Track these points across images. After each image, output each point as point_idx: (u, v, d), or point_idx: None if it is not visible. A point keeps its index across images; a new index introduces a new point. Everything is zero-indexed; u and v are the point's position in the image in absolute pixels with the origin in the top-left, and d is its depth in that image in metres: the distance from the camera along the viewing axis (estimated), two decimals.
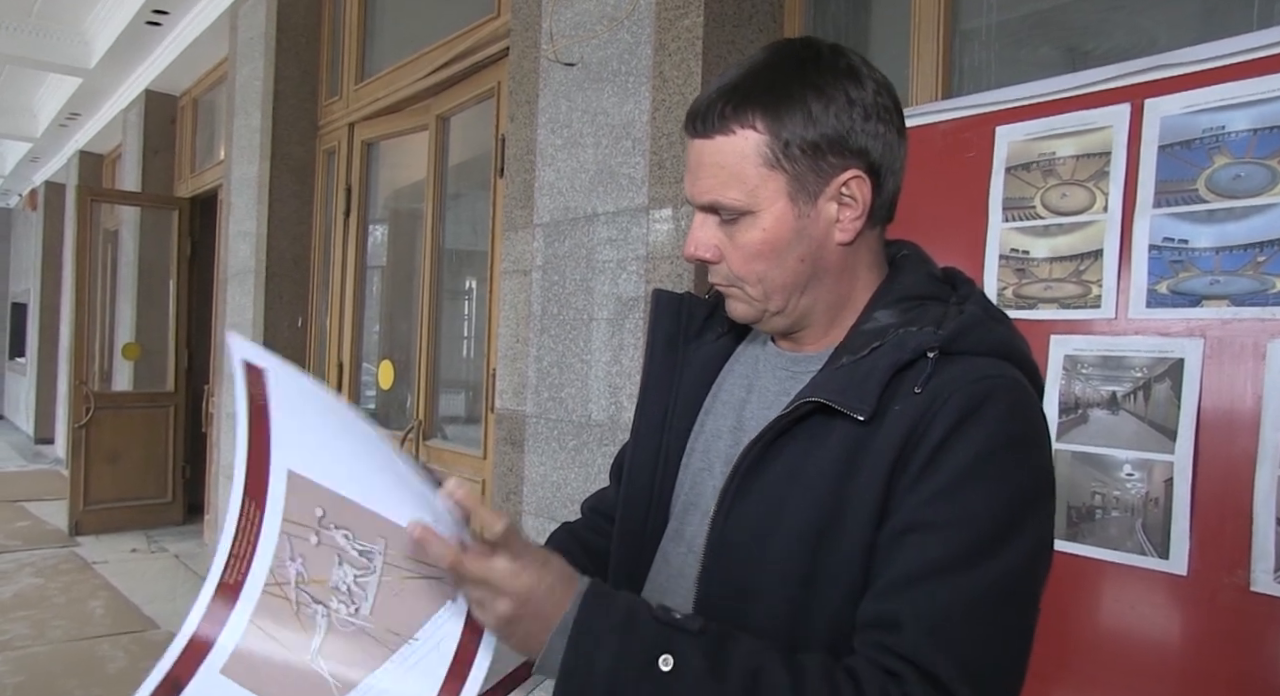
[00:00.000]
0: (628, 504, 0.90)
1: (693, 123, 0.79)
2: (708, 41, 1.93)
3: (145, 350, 5.98)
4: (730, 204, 0.77)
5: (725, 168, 0.77)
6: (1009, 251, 1.44)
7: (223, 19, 4.63)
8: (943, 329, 0.74)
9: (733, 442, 0.84)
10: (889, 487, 0.71)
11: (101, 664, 3.40)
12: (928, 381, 0.72)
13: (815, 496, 0.73)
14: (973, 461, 0.69)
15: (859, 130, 0.76)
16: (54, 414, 9.05)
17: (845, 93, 0.76)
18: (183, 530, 5.66)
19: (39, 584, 4.43)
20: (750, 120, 0.76)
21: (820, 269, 0.80)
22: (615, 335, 2.11)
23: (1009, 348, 0.77)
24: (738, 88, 0.77)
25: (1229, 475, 1.17)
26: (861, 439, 0.72)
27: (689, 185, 0.81)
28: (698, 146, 0.79)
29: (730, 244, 0.79)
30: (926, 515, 0.69)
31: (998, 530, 0.68)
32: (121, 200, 6.27)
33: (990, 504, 0.69)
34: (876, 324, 0.78)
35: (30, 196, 9.81)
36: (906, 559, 0.68)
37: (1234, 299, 1.19)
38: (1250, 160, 1.19)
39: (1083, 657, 1.27)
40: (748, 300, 0.81)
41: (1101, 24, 1.61)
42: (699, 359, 0.91)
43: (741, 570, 0.76)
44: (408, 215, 3.79)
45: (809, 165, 0.76)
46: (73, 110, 7.02)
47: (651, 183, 2.03)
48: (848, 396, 0.73)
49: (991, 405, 0.70)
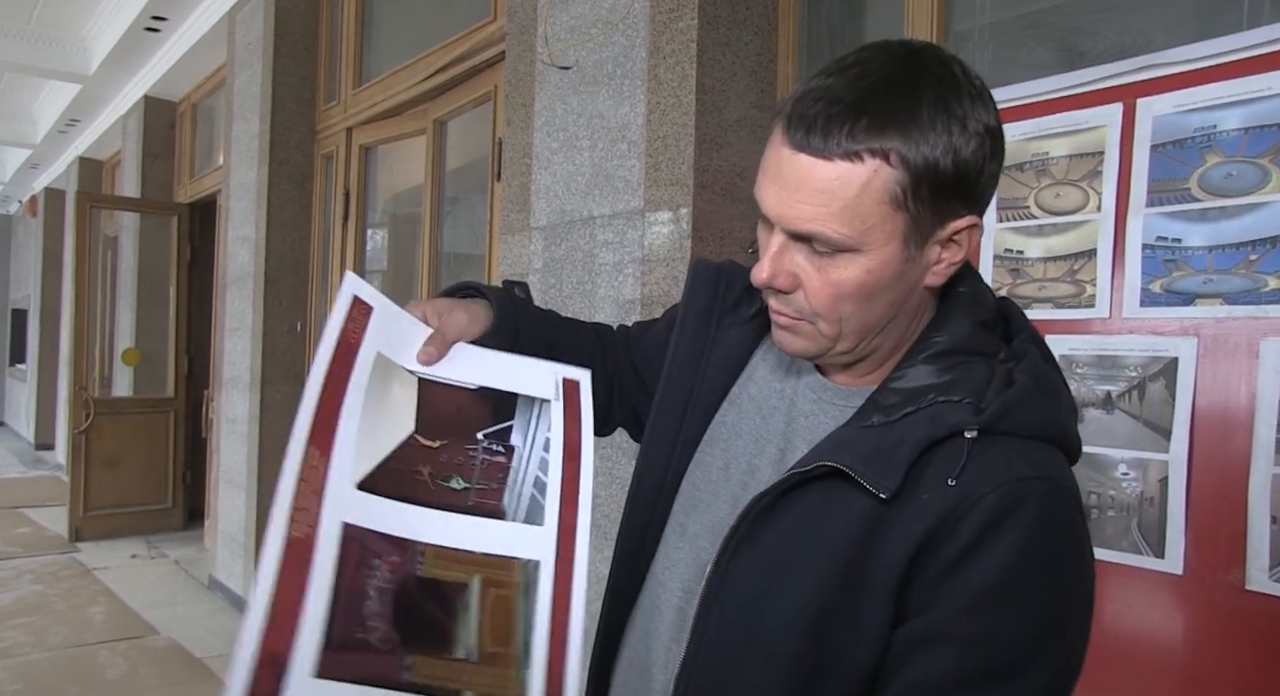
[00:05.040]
0: (639, 492, 0.86)
1: (806, 134, 0.65)
2: (702, 44, 1.93)
3: (145, 356, 5.98)
4: (835, 239, 0.66)
5: (840, 198, 0.65)
6: (1003, 251, 1.44)
7: (221, 25, 4.65)
8: (984, 403, 0.67)
9: (755, 451, 0.80)
10: (905, 581, 0.66)
11: (101, 670, 3.40)
12: (961, 473, 0.65)
13: (823, 570, 0.68)
14: (1005, 574, 0.63)
15: (986, 172, 0.67)
16: (54, 420, 9.05)
17: (984, 125, 0.66)
18: (183, 536, 5.66)
19: (39, 590, 4.43)
20: (884, 150, 0.64)
21: (902, 311, 0.72)
22: None
23: (1053, 427, 0.69)
24: (872, 103, 0.64)
25: (1224, 474, 1.17)
26: (881, 517, 0.66)
27: (777, 203, 0.68)
28: (805, 164, 0.65)
29: (819, 278, 0.68)
30: (952, 626, 0.64)
31: (1027, 649, 0.64)
32: (121, 206, 6.27)
33: (1020, 622, 0.64)
34: (912, 383, 0.71)
35: (30, 203, 9.82)
36: (926, 668, 0.64)
37: (1227, 297, 1.19)
38: (1242, 159, 1.19)
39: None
40: (815, 337, 0.72)
41: (1093, 24, 1.61)
42: (729, 341, 0.85)
43: (735, 634, 0.72)
44: (406, 219, 3.79)
45: (932, 208, 0.66)
46: (72, 116, 7.03)
47: (647, 185, 2.03)
48: (871, 469, 0.66)
49: (1028, 509, 0.64)
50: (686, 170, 1.93)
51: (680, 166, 1.95)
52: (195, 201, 5.82)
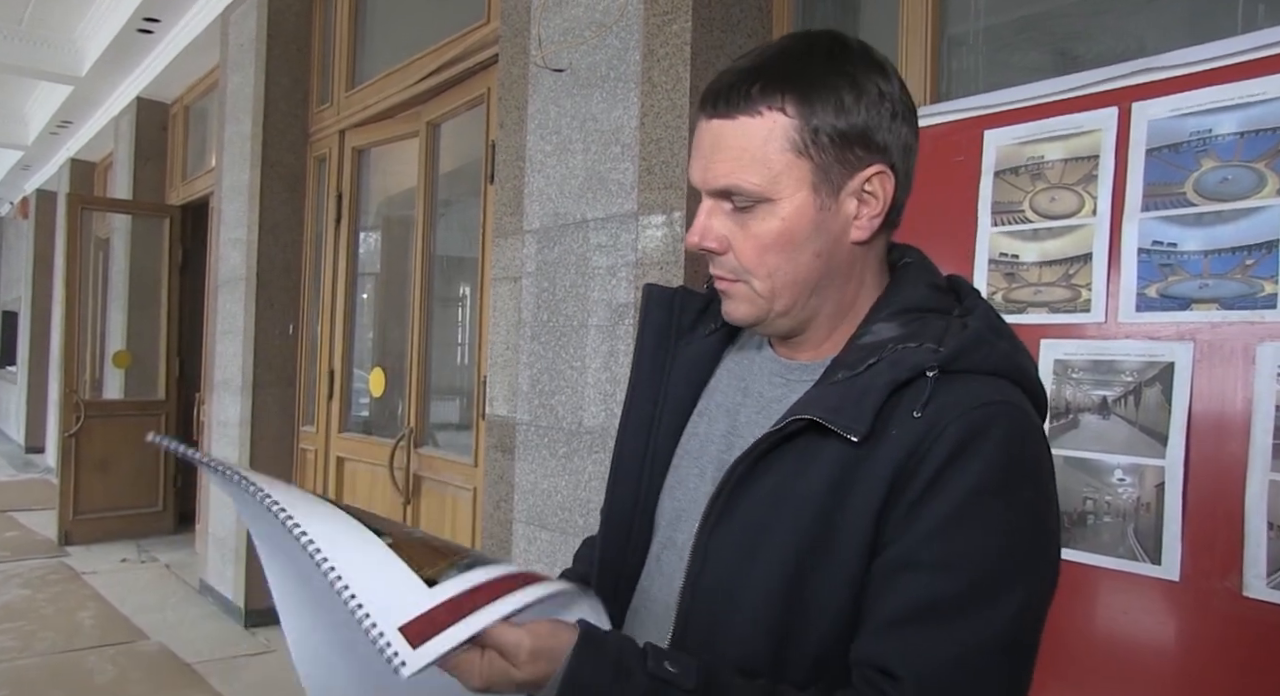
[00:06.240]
0: (614, 504, 0.88)
1: (713, 101, 0.74)
2: (696, 47, 1.92)
3: (136, 358, 5.95)
4: (749, 189, 0.72)
5: (748, 150, 0.72)
6: (998, 255, 1.43)
7: (214, 27, 4.63)
8: (943, 346, 0.71)
9: (725, 447, 0.81)
10: (882, 515, 0.69)
11: (89, 676, 3.36)
12: (926, 405, 0.69)
13: (803, 519, 0.71)
14: (969, 498, 0.67)
15: (886, 126, 0.73)
16: (44, 422, 9.00)
17: (877, 86, 0.73)
18: (174, 539, 5.62)
19: (27, 595, 4.39)
20: (780, 102, 0.71)
21: (832, 268, 0.76)
22: (606, 341, 2.10)
23: (1012, 366, 0.74)
24: (766, 68, 0.73)
25: (1220, 479, 1.16)
26: (854, 460, 0.70)
27: (700, 170, 0.76)
28: (715, 127, 0.74)
29: (742, 233, 0.74)
30: (920, 553, 0.67)
31: (992, 574, 0.66)
32: (112, 208, 6.24)
33: (985, 546, 0.67)
34: (875, 338, 0.75)
35: (21, 204, 9.77)
36: (900, 598, 0.67)
37: (1223, 302, 1.18)
38: (1237, 163, 1.18)
39: (1076, 663, 1.26)
40: (752, 298, 0.77)
41: (1089, 28, 1.61)
42: (689, 355, 0.87)
43: (725, 590, 0.75)
44: (399, 222, 3.77)
45: (836, 156, 0.72)
46: (64, 118, 7.00)
47: (641, 188, 2.02)
48: (842, 415, 0.70)
49: (990, 435, 0.68)
50: (680, 173, 1.92)
51: (674, 169, 1.94)
52: (187, 203, 5.80)
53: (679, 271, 1.92)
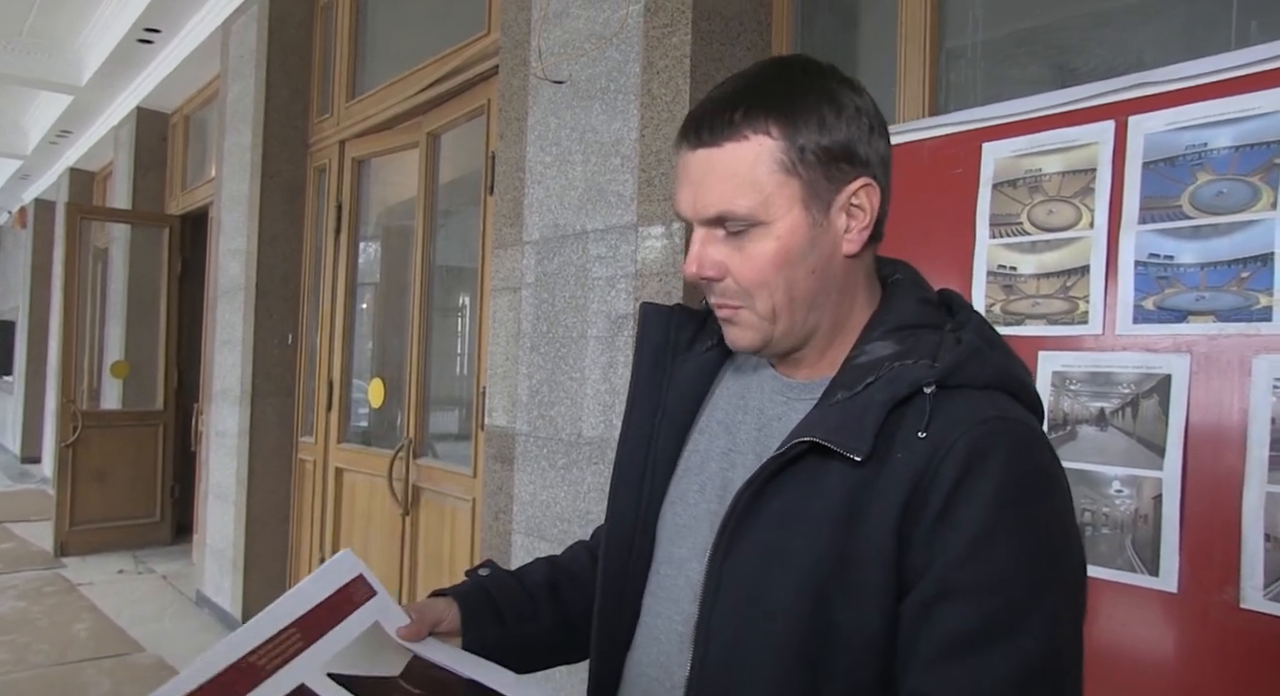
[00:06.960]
0: (614, 520, 0.88)
1: (695, 131, 0.75)
2: (695, 59, 1.94)
3: (134, 368, 5.94)
4: (743, 213, 0.73)
5: (737, 175, 0.73)
6: (996, 267, 1.44)
7: (214, 37, 4.65)
8: (939, 361, 0.72)
9: (726, 464, 0.81)
10: (900, 539, 0.68)
11: (84, 689, 3.35)
12: (929, 425, 0.69)
13: (819, 543, 0.70)
14: (989, 517, 0.66)
15: (865, 140, 0.75)
16: (41, 433, 8.97)
17: (854, 103, 0.75)
18: (171, 550, 5.60)
19: (22, 607, 4.37)
20: (764, 125, 0.73)
21: (827, 282, 0.77)
22: (605, 352, 2.11)
23: (1009, 378, 0.74)
24: (747, 94, 0.74)
25: (1217, 491, 1.17)
26: (862, 482, 0.70)
27: (688, 200, 0.76)
28: (702, 156, 0.75)
29: (739, 257, 0.75)
30: (954, 581, 0.66)
31: (1030, 589, 0.66)
32: (111, 218, 6.25)
33: (1018, 560, 0.66)
34: (870, 357, 0.75)
35: (20, 214, 9.76)
36: (941, 631, 0.66)
37: (1220, 314, 1.19)
38: (1232, 177, 1.19)
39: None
40: (754, 323, 0.77)
41: (1086, 42, 1.62)
42: (687, 372, 0.88)
43: (744, 621, 0.73)
44: (399, 232, 3.78)
45: (823, 172, 0.74)
46: (63, 127, 7.01)
47: (640, 200, 2.03)
48: (843, 436, 0.70)
49: (998, 450, 0.68)
50: None
51: (673, 181, 1.95)
52: (187, 213, 5.81)
53: (678, 283, 1.92)
